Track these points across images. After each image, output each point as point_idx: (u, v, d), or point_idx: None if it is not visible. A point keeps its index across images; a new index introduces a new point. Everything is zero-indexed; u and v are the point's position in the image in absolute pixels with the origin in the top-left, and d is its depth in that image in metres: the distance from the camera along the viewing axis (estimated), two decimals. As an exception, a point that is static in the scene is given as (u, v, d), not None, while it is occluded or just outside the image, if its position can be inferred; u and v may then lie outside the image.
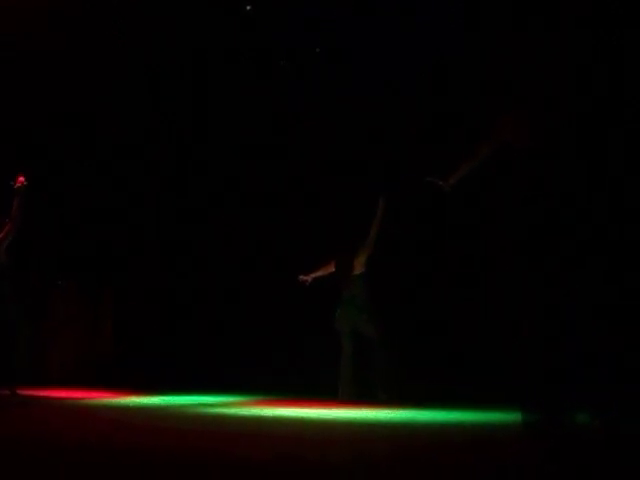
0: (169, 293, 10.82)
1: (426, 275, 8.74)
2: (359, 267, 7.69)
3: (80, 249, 11.02)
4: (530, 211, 4.72)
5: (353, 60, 9.49)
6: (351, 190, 9.20)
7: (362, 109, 9.42)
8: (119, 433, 4.89)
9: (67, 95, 10.16)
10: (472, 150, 5.26)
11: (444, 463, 3.67)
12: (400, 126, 9.16)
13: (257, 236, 10.13)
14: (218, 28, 9.68)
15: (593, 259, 4.50)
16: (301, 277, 8.10)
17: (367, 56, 9.32)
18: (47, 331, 10.80)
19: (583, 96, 4.78)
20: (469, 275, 8.43)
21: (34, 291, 10.00)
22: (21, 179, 7.98)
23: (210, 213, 10.62)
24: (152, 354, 10.36)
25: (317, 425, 5.46)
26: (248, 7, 9.14)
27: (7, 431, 4.98)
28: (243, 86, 10.15)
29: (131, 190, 11.05)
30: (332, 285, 7.87)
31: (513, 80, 7.86)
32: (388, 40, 9.05)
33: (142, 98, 10.54)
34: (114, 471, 3.38)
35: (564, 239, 4.54)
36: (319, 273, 8.03)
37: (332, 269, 7.90)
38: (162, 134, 10.87)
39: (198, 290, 10.65)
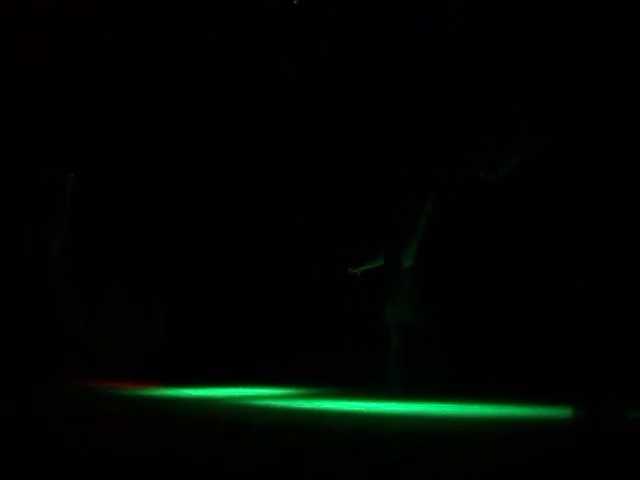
0: (216, 288, 10.80)
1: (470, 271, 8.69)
2: (407, 260, 7.63)
3: (132, 240, 11.00)
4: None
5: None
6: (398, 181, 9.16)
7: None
8: (161, 425, 4.98)
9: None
10: (518, 146, 5.20)
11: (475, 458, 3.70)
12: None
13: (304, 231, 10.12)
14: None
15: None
16: (351, 270, 8.06)
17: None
18: (98, 323, 10.77)
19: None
20: (514, 273, 8.37)
21: (85, 284, 10.02)
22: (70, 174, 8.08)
23: (258, 205, 10.55)
24: (201, 346, 10.40)
25: (359, 419, 5.51)
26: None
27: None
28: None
29: (177, 185, 11.02)
30: (381, 278, 7.84)
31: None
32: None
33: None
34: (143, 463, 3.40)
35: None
36: (368, 266, 7.99)
37: (381, 262, 7.86)
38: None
39: (243, 284, 10.61)
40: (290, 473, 3.25)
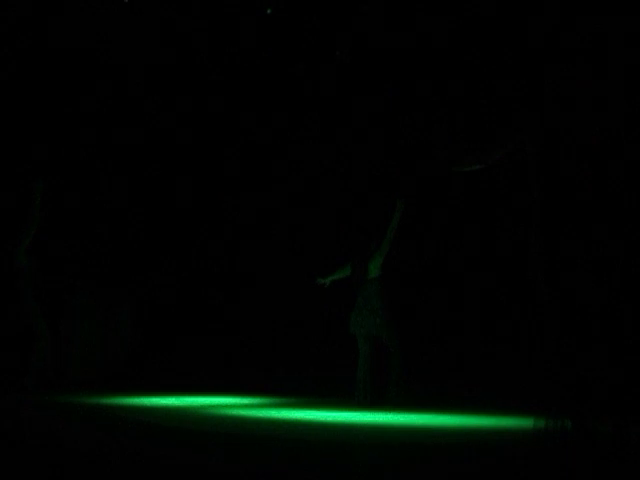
0: (186, 292, 10.85)
1: (438, 278, 8.68)
2: (374, 270, 7.65)
3: (96, 248, 10.91)
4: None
5: (355, 61, 9.38)
6: (366, 192, 9.14)
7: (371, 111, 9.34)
8: (133, 435, 4.97)
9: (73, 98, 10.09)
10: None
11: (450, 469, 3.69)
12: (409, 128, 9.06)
13: (272, 239, 10.11)
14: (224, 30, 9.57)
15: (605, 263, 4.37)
16: (319, 279, 8.09)
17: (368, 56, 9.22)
18: (64, 332, 10.64)
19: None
20: (480, 279, 8.35)
21: (51, 292, 9.92)
22: None
23: (226, 215, 10.62)
24: (170, 353, 10.42)
25: (326, 429, 5.49)
26: (269, 10, 9.06)
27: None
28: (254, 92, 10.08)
29: (145, 189, 10.97)
30: (348, 288, 7.88)
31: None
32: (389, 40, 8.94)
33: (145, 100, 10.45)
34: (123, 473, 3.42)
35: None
36: (336, 276, 8.04)
37: (348, 272, 7.90)
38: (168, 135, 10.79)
39: (215, 290, 10.69)
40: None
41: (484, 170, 5.23)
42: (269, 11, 9.17)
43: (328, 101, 9.71)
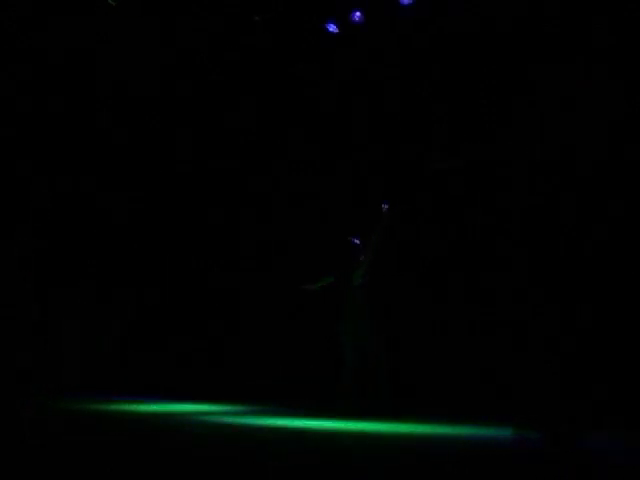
0: (177, 300, 10.87)
1: (426, 287, 8.63)
2: (357, 279, 7.67)
3: (92, 252, 10.93)
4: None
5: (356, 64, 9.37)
6: (351, 198, 9.09)
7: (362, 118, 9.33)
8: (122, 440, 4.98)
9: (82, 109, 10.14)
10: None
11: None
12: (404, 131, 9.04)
13: (263, 243, 10.14)
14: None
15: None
16: (305, 286, 8.09)
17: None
18: (59, 336, 10.67)
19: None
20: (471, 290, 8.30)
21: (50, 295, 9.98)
22: None
23: (218, 222, 10.66)
24: (161, 360, 10.39)
25: (309, 437, 5.48)
26: (256, 17, 9.08)
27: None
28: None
29: (145, 190, 10.94)
30: (333, 296, 7.88)
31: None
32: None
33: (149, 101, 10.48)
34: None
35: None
36: (321, 283, 8.04)
37: (332, 279, 7.90)
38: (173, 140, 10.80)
39: (205, 298, 10.69)
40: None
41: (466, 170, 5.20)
42: (257, 18, 9.20)
43: (324, 110, 9.72)
